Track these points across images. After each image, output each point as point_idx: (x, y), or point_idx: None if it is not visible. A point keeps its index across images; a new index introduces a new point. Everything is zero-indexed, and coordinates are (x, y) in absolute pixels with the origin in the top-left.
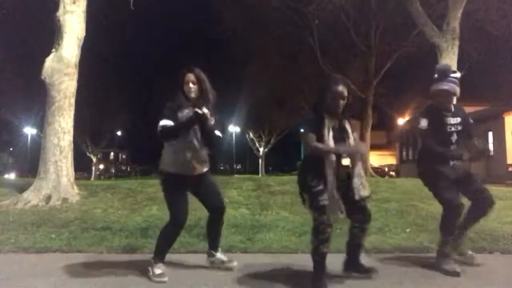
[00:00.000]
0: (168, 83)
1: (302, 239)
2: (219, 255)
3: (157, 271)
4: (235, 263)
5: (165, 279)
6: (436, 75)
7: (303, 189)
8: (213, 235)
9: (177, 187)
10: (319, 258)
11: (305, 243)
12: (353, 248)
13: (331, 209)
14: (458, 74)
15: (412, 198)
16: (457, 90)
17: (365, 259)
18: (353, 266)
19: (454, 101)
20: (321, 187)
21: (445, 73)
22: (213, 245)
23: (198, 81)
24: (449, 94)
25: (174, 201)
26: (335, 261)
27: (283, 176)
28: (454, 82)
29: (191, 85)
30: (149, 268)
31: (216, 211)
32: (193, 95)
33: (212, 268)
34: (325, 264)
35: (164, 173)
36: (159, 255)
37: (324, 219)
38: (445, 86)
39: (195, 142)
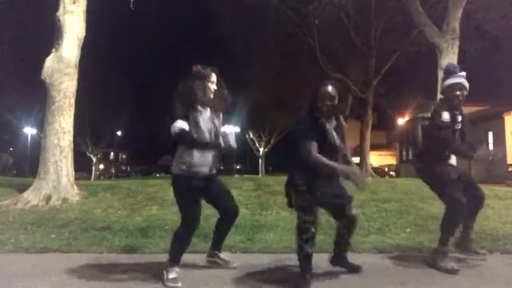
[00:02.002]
0: (168, 83)
1: None
2: (223, 255)
3: (173, 275)
4: (236, 264)
5: (179, 284)
6: (444, 74)
7: (291, 188)
8: (220, 235)
9: (190, 189)
10: (303, 257)
11: None
12: (340, 245)
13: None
14: (464, 73)
15: (412, 198)
16: (467, 85)
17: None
18: (339, 263)
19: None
20: (306, 187)
21: (454, 70)
22: (217, 246)
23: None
24: (463, 87)
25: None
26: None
27: (283, 176)
28: (464, 77)
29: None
30: (164, 272)
31: (230, 215)
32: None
33: (212, 268)
34: (310, 264)
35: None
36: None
37: (307, 218)
38: (458, 79)
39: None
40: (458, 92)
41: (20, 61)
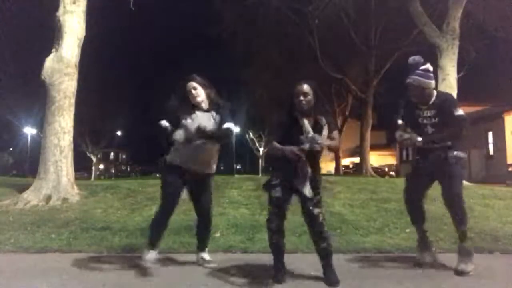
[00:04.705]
0: (168, 83)
1: (301, 239)
2: (203, 254)
3: (150, 255)
4: (213, 265)
5: (149, 265)
6: (408, 70)
7: (264, 184)
8: (199, 237)
9: (176, 179)
10: (272, 248)
11: (305, 243)
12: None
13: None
14: (427, 66)
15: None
16: (423, 82)
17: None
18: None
19: (433, 93)
20: (276, 181)
21: (414, 67)
22: (200, 246)
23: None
24: (414, 87)
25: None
26: (335, 261)
27: None
28: (421, 75)
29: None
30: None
31: (203, 219)
32: (199, 99)
33: (212, 268)
34: (279, 254)
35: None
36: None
37: (274, 211)
38: (409, 79)
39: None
40: (412, 93)
41: (20, 61)
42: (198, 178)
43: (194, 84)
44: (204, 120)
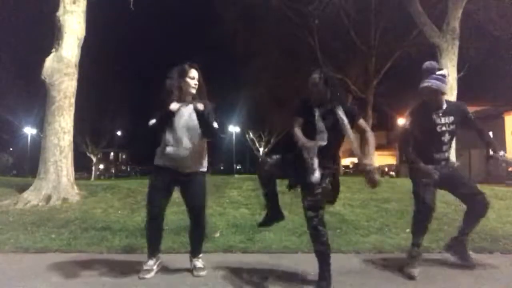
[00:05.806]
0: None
1: (302, 239)
2: (195, 261)
3: (143, 267)
4: (202, 273)
5: (146, 276)
6: (422, 74)
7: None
8: (191, 242)
9: (159, 180)
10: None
11: (305, 243)
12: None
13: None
14: (444, 71)
15: (412, 198)
16: (442, 86)
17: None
18: None
19: (447, 98)
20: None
21: (430, 71)
22: (192, 252)
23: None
24: (432, 91)
25: (150, 193)
26: (335, 261)
27: None
28: (438, 79)
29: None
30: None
31: (193, 218)
32: (193, 90)
33: (212, 268)
34: (267, 203)
35: (154, 165)
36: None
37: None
38: (427, 83)
39: (185, 140)
40: (428, 97)
41: (20, 61)
42: (188, 176)
43: (197, 74)
44: (187, 113)
